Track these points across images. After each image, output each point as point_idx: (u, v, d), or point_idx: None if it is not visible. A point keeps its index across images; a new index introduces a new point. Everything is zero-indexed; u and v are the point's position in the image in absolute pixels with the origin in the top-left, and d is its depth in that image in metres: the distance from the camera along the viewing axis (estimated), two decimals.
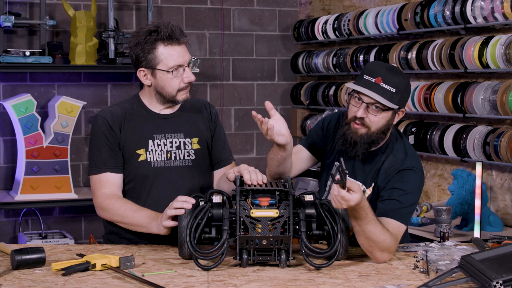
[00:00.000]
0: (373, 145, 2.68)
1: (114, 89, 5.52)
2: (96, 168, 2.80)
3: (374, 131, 2.64)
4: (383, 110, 2.62)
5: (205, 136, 2.95)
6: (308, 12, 6.04)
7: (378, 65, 2.65)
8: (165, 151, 2.86)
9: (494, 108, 4.00)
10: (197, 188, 2.88)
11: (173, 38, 2.75)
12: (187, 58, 2.80)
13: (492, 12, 4.01)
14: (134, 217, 2.69)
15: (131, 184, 2.85)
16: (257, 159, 6.02)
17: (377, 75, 2.60)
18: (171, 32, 2.75)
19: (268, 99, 6.29)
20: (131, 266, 2.39)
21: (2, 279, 2.27)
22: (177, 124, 2.90)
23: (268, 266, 2.45)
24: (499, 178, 4.23)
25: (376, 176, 2.71)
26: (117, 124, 2.83)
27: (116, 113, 2.86)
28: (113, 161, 2.81)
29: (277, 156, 2.72)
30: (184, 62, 2.79)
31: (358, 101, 2.65)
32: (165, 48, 2.76)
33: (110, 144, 2.81)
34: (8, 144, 5.24)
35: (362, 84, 2.61)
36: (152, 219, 2.64)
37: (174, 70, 2.78)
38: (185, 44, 2.80)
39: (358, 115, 2.64)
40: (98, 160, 2.80)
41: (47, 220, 5.30)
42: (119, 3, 5.58)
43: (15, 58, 4.89)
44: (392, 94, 2.59)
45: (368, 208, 2.44)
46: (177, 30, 2.77)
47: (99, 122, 2.84)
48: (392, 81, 2.59)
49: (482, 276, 2.11)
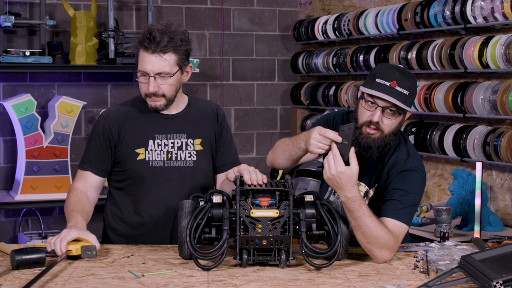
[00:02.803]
0: (386, 147, 2.67)
1: (114, 89, 5.52)
2: (81, 164, 2.89)
3: (387, 134, 2.63)
4: (398, 114, 2.61)
5: (208, 137, 2.94)
6: (308, 12, 6.05)
7: (391, 68, 2.62)
8: (165, 151, 2.86)
9: (494, 108, 4.00)
10: (198, 189, 2.88)
11: (146, 45, 2.72)
12: (155, 69, 2.73)
13: (492, 12, 4.01)
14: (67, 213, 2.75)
15: (128, 182, 2.87)
16: (257, 159, 6.02)
17: (392, 79, 2.58)
18: (149, 39, 2.71)
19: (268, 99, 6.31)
20: (92, 255, 2.48)
21: (2, 279, 2.27)
22: (180, 125, 2.90)
23: (268, 266, 2.45)
24: (499, 178, 4.24)
25: (379, 177, 2.71)
26: (117, 124, 2.86)
27: (119, 112, 2.89)
28: (97, 162, 2.87)
29: (292, 152, 2.73)
30: (150, 71, 2.74)
31: (371, 105, 2.61)
32: (141, 52, 2.76)
33: (100, 145, 2.86)
34: (8, 144, 5.24)
35: (376, 88, 2.58)
36: (70, 223, 2.68)
37: (140, 76, 2.78)
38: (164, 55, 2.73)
39: (374, 120, 2.60)
40: (86, 157, 2.89)
41: (47, 220, 5.30)
42: (119, 3, 5.58)
43: (15, 58, 4.89)
44: (406, 97, 2.58)
45: (361, 200, 2.46)
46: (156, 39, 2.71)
47: (99, 121, 2.90)
48: (405, 84, 2.58)
49: (482, 276, 2.11)
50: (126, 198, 2.90)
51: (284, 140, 2.83)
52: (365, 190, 2.72)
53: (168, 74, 2.75)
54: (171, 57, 2.75)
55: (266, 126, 6.11)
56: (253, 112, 6.07)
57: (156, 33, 2.72)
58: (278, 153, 2.83)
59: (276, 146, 2.87)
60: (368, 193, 2.72)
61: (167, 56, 2.74)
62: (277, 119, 6.14)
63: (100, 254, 2.60)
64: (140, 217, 2.88)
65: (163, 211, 2.86)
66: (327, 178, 2.46)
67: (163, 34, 2.72)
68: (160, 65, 2.73)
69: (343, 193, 2.45)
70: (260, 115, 6.09)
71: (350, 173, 2.43)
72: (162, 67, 2.74)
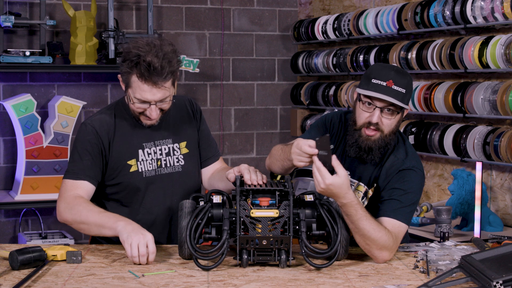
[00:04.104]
0: (387, 147, 2.67)
1: (114, 89, 5.52)
2: (74, 174, 2.71)
3: (387, 133, 2.63)
4: (397, 113, 2.61)
5: (192, 137, 2.91)
6: (308, 12, 6.05)
7: (386, 68, 2.62)
8: (155, 159, 2.82)
9: (494, 108, 4.00)
10: (189, 193, 2.80)
11: (146, 77, 2.60)
12: (157, 98, 2.64)
13: (492, 12, 4.01)
14: (99, 217, 2.59)
15: (122, 194, 2.80)
16: (257, 159, 6.02)
17: (388, 78, 2.58)
18: (149, 71, 2.58)
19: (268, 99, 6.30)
20: (78, 260, 2.46)
21: (2, 279, 2.27)
22: (165, 130, 2.85)
23: (268, 266, 2.45)
24: (499, 178, 4.24)
25: (378, 177, 2.71)
26: (106, 134, 2.76)
27: (106, 122, 2.78)
28: (92, 172, 2.73)
29: (284, 163, 2.71)
30: (152, 100, 2.65)
31: (369, 106, 2.61)
32: (137, 80, 2.63)
33: (93, 154, 2.73)
34: (8, 144, 5.24)
35: (373, 89, 2.58)
36: (118, 219, 2.54)
37: (137, 102, 2.67)
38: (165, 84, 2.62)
39: (373, 121, 2.60)
40: (78, 167, 2.72)
41: (47, 220, 5.30)
42: (119, 3, 5.58)
43: (15, 58, 4.89)
44: (403, 95, 2.58)
45: (357, 204, 2.45)
46: (158, 70, 2.58)
47: (87, 130, 2.76)
48: (402, 82, 2.58)
49: (482, 276, 2.11)
50: (119, 208, 2.81)
51: (278, 148, 2.81)
52: (365, 190, 2.72)
53: (168, 97, 2.68)
54: (170, 81, 2.66)
55: (266, 126, 6.11)
56: (253, 112, 6.07)
57: (156, 63, 2.58)
58: (273, 161, 2.83)
59: (272, 153, 2.86)
60: (367, 193, 2.72)
61: (168, 83, 2.65)
62: (277, 119, 6.14)
63: (100, 254, 2.60)
64: None
65: (156, 218, 2.84)
66: (319, 191, 2.46)
67: (161, 60, 2.59)
68: (161, 94, 2.65)
69: (339, 200, 2.45)
70: (260, 115, 6.09)
71: (340, 182, 2.40)
72: (163, 95, 2.65)
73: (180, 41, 5.77)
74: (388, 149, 2.70)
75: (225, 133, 5.98)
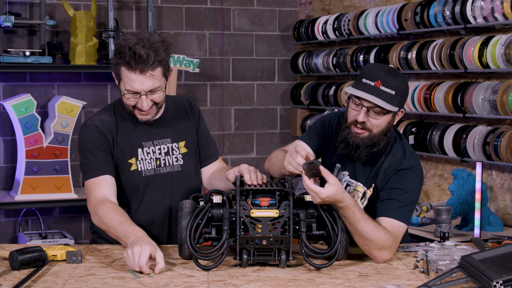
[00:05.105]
0: (375, 147, 2.68)
1: (114, 89, 5.52)
2: (93, 172, 2.70)
3: (376, 133, 2.64)
4: (383, 114, 2.62)
5: (191, 137, 2.92)
6: (308, 12, 6.05)
7: (376, 68, 2.63)
8: (154, 159, 2.82)
9: (494, 108, 4.00)
10: (188, 192, 2.82)
11: (133, 65, 2.61)
12: (146, 87, 2.64)
13: (492, 12, 4.01)
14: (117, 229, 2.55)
15: (122, 193, 2.80)
16: (257, 159, 6.02)
17: (376, 79, 2.58)
18: (135, 59, 2.60)
19: (268, 99, 6.30)
20: (78, 260, 2.47)
21: (2, 279, 2.27)
22: (164, 129, 2.85)
23: (268, 266, 2.45)
24: (499, 178, 4.24)
25: (376, 177, 2.71)
26: (110, 132, 2.77)
27: (107, 121, 2.79)
28: (110, 165, 2.73)
29: (282, 170, 2.70)
30: (141, 90, 2.65)
31: (357, 105, 2.63)
32: (125, 71, 2.65)
33: (104, 149, 2.74)
34: (8, 144, 5.25)
35: (361, 88, 2.60)
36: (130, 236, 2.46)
37: (127, 94, 2.68)
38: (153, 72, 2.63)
39: (359, 120, 2.62)
40: (95, 164, 2.71)
41: (47, 220, 5.30)
42: (119, 3, 5.58)
43: (15, 58, 4.89)
44: (391, 96, 2.58)
45: (354, 206, 2.45)
46: (143, 57, 2.60)
47: (91, 129, 2.76)
48: (391, 83, 2.59)
49: (482, 276, 2.11)
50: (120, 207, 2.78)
51: (277, 153, 2.82)
52: (363, 190, 2.72)
53: (158, 88, 2.68)
54: (159, 71, 2.66)
55: (266, 126, 6.11)
56: (253, 112, 6.07)
57: (141, 51, 2.59)
58: (271, 166, 2.84)
59: (271, 158, 2.86)
60: (366, 193, 2.72)
61: (156, 72, 2.65)
62: (277, 119, 6.14)
63: (100, 254, 2.60)
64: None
65: (155, 218, 2.84)
66: (318, 203, 2.47)
67: (147, 49, 2.61)
68: (150, 83, 2.65)
69: (336, 205, 2.46)
70: (260, 115, 6.09)
71: (334, 190, 2.41)
72: (153, 84, 2.65)
73: (180, 41, 5.77)
74: (382, 148, 2.70)
75: (225, 133, 5.98)
